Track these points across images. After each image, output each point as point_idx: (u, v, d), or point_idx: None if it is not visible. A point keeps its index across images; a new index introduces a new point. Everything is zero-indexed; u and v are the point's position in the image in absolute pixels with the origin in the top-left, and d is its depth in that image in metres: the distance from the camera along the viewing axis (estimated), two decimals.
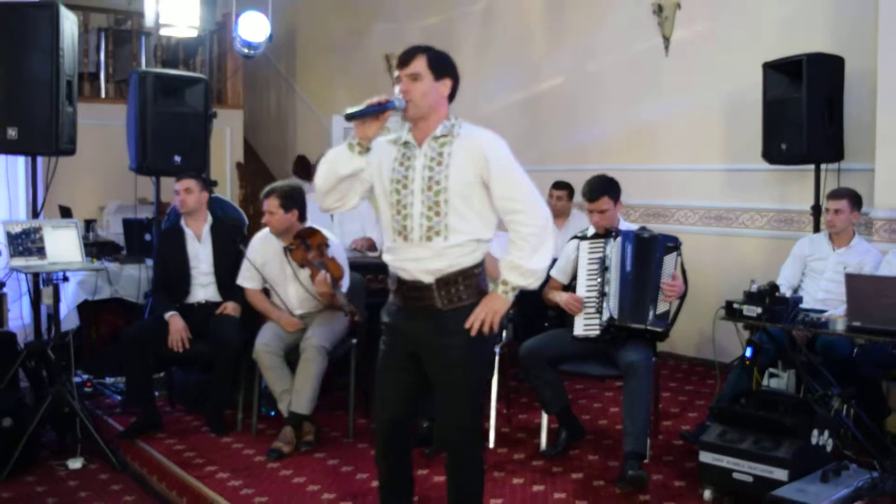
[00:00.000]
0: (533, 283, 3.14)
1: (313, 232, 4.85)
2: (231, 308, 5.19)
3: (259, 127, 11.61)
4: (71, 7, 5.67)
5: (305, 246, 4.77)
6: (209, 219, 5.35)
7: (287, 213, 4.87)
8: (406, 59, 3.11)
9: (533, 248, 3.07)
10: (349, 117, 3.05)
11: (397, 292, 3.22)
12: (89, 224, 7.14)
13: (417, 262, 3.12)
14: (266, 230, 5.10)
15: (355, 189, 3.21)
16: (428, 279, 3.10)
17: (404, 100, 3.05)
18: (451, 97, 3.19)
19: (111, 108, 8.08)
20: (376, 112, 3.02)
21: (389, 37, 9.70)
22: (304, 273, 4.87)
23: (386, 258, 3.25)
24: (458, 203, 3.07)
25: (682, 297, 4.62)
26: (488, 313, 3.07)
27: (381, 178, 3.18)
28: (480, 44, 8.70)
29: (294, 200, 4.92)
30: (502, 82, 8.50)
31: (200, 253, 5.29)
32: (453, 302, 3.12)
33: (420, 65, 3.08)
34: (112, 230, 8.04)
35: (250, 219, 7.27)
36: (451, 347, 3.13)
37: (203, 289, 5.29)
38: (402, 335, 3.22)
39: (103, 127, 7.69)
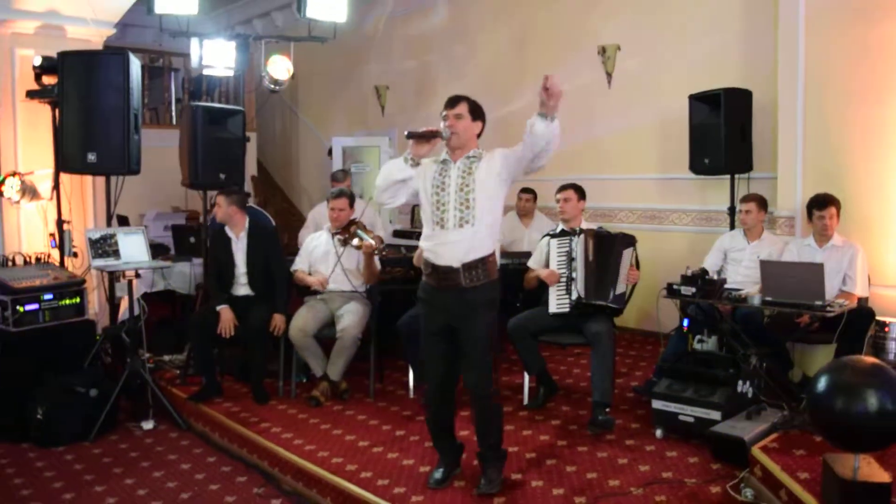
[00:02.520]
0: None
1: (354, 220, 5.18)
2: (279, 322, 5.16)
3: (267, 146, 11.53)
4: (114, 48, 5.77)
5: (350, 226, 5.11)
6: (246, 225, 5.41)
7: (351, 209, 5.20)
8: (453, 103, 3.54)
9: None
10: (409, 136, 3.49)
11: (431, 275, 3.56)
12: None
13: (452, 245, 3.46)
14: (323, 230, 5.41)
15: (403, 191, 3.59)
16: (456, 264, 3.44)
17: (449, 132, 3.46)
18: (479, 134, 3.61)
19: (147, 131, 8.14)
20: (428, 137, 3.45)
21: (379, 71, 9.75)
22: (344, 257, 5.17)
23: (423, 244, 3.59)
24: (482, 199, 3.46)
25: (635, 283, 4.83)
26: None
27: (424, 185, 3.55)
28: (457, 75, 8.73)
29: (353, 200, 5.29)
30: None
31: (238, 253, 5.39)
32: (473, 281, 3.48)
33: (463, 108, 3.53)
34: (152, 233, 8.12)
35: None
36: (473, 313, 3.49)
37: (242, 285, 5.38)
38: (436, 307, 3.56)
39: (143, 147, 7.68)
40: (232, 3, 11.70)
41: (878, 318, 4.67)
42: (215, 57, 6.37)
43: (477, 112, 3.61)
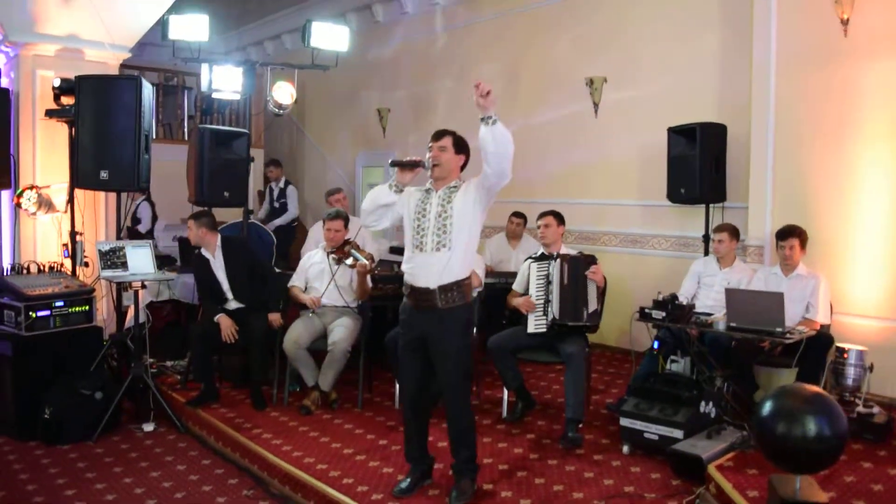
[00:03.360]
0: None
1: (349, 240, 5.29)
2: (275, 320, 5.35)
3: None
4: (130, 67, 5.88)
5: (345, 245, 5.21)
6: (219, 243, 5.50)
7: (346, 229, 5.33)
8: (439, 136, 3.68)
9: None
10: (393, 164, 3.64)
11: (410, 296, 3.68)
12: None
13: (428, 268, 3.58)
14: (318, 248, 5.54)
15: (388, 215, 3.74)
16: (433, 286, 3.57)
17: (433, 163, 3.60)
18: (463, 167, 3.73)
19: (159, 146, 8.27)
20: (412, 166, 3.60)
21: (380, 95, 9.92)
22: (338, 273, 5.28)
23: (404, 267, 3.72)
24: (459, 225, 3.58)
25: (604, 294, 4.88)
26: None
27: (408, 210, 3.69)
28: (452, 103, 8.87)
29: (348, 221, 5.40)
30: (470, 132, 8.56)
31: (218, 271, 5.49)
32: (449, 303, 3.60)
33: (447, 142, 3.66)
34: (162, 244, 8.22)
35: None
36: (447, 333, 3.61)
37: (231, 300, 5.48)
38: (413, 326, 3.69)
39: (154, 161, 7.79)
40: (244, 26, 11.90)
41: (838, 344, 4.79)
42: (224, 81, 6.53)
43: (461, 146, 3.73)
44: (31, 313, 5.00)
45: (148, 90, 5.45)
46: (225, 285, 5.48)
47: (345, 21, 10.08)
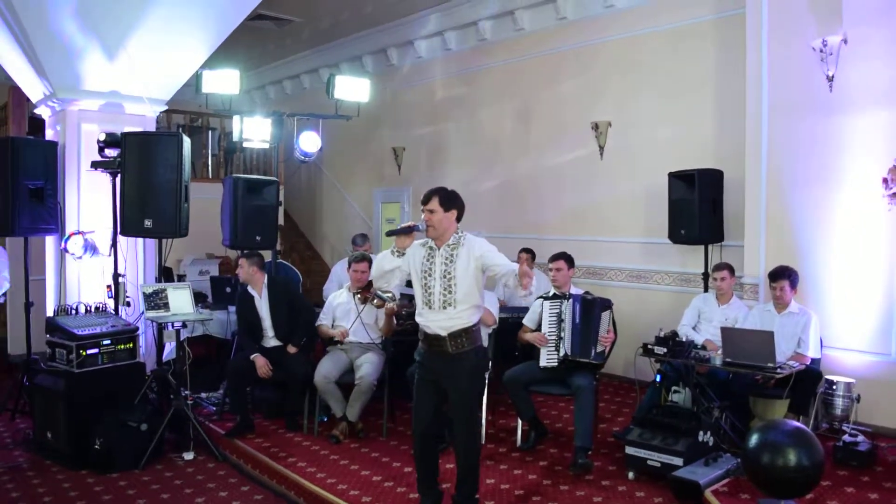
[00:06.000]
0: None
1: (371, 282, 5.66)
2: (291, 350, 5.90)
3: (294, 197, 12.04)
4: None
5: (370, 286, 5.60)
6: (265, 281, 6.00)
7: (370, 271, 5.64)
8: (426, 199, 3.99)
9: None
10: (389, 234, 4.01)
11: (424, 341, 4.07)
12: (181, 278, 7.80)
13: (437, 322, 3.97)
14: (344, 289, 5.97)
15: (395, 276, 4.11)
16: (443, 333, 3.96)
17: (427, 225, 3.96)
18: (459, 218, 4.03)
19: None
20: (408, 232, 3.96)
21: (395, 135, 10.38)
22: (364, 312, 5.69)
23: (417, 319, 4.11)
24: (462, 285, 3.94)
25: (613, 343, 5.30)
26: None
27: (414, 268, 4.06)
28: (466, 142, 9.33)
29: (371, 264, 5.73)
30: (480, 172, 9.07)
31: (262, 309, 5.97)
32: (459, 348, 3.98)
33: (434, 204, 3.96)
34: (189, 278, 8.51)
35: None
36: (458, 375, 3.98)
37: (270, 338, 5.96)
38: (428, 369, 4.07)
39: None
40: (264, 66, 12.42)
41: (827, 376, 5.17)
42: (253, 131, 6.99)
43: (449, 202, 3.96)
44: (81, 351, 5.37)
45: (187, 144, 5.87)
46: (267, 322, 5.93)
47: (361, 63, 10.61)
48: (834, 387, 5.09)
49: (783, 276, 5.36)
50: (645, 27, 7.44)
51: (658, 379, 5.39)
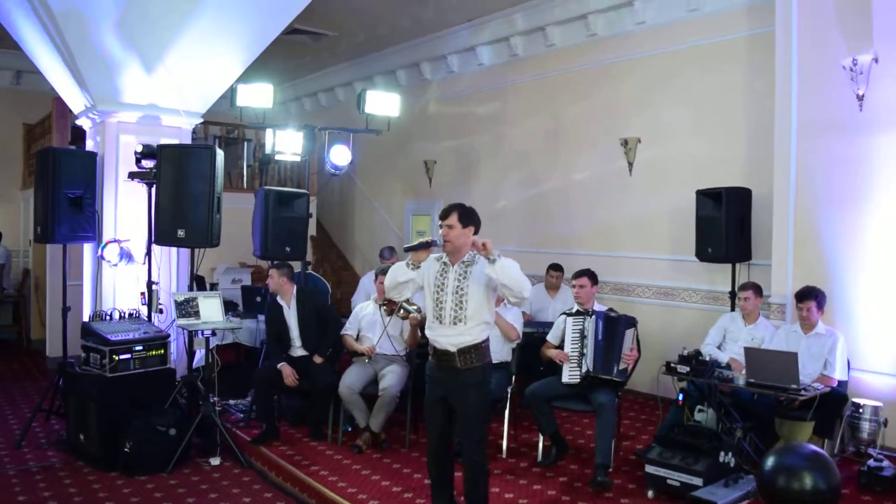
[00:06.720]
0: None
1: None
2: (318, 360, 6.01)
3: (327, 208, 12.16)
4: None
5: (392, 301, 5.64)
6: (294, 292, 6.14)
7: None
8: (445, 214, 4.04)
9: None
10: (407, 249, 4.07)
11: (433, 356, 4.13)
12: (213, 286, 7.97)
13: (447, 337, 4.03)
14: (370, 300, 6.07)
15: (409, 288, 4.15)
16: (452, 349, 4.01)
17: (444, 240, 4.01)
18: (476, 234, 4.05)
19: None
20: (425, 247, 4.03)
21: (427, 148, 10.49)
22: (390, 324, 5.76)
23: (428, 333, 4.16)
24: (473, 302, 4.00)
25: (637, 360, 5.30)
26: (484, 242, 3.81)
27: (428, 282, 4.12)
28: (494, 157, 9.38)
29: None
30: (510, 186, 9.13)
31: (290, 319, 6.09)
32: (468, 364, 4.02)
33: (453, 219, 4.01)
34: (221, 286, 8.75)
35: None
36: (467, 391, 4.01)
37: (298, 348, 6.08)
38: (437, 383, 4.12)
39: None
40: (299, 78, 12.63)
41: (853, 399, 5.11)
42: (286, 144, 7.14)
43: (467, 218, 4.00)
44: (114, 356, 5.52)
45: (220, 157, 6.00)
46: (294, 332, 6.06)
47: (395, 77, 10.75)
48: (860, 410, 5.04)
49: (810, 296, 5.32)
50: (675, 44, 7.45)
51: (681, 398, 5.36)
